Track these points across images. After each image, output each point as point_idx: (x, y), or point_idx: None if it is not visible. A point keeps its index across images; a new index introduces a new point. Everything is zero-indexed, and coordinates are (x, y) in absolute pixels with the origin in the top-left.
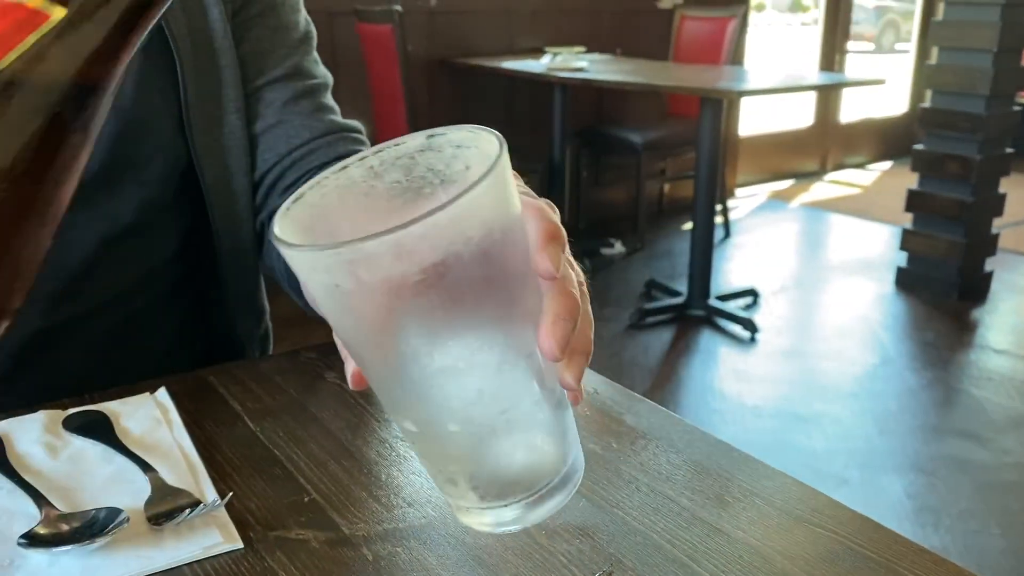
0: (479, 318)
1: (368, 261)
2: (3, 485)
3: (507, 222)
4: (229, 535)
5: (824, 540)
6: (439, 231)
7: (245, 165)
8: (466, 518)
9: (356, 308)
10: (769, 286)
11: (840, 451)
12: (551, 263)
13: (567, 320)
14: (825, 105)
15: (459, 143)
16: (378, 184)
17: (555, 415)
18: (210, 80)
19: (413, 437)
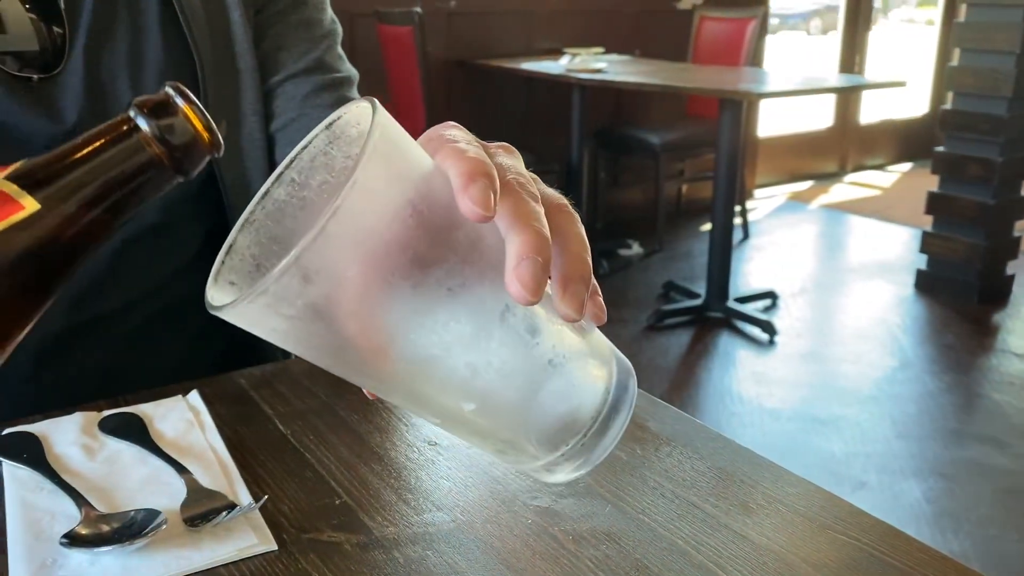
0: (431, 297)
1: (280, 300)
2: (44, 485)
3: (413, 193)
4: (264, 537)
5: (848, 548)
6: (335, 239)
7: (263, 167)
8: (549, 476)
9: (304, 340)
10: (788, 288)
11: (858, 455)
12: (476, 204)
13: (531, 259)
14: (845, 106)
15: (357, 121)
16: (308, 193)
17: (575, 348)
18: (230, 82)
19: (446, 428)
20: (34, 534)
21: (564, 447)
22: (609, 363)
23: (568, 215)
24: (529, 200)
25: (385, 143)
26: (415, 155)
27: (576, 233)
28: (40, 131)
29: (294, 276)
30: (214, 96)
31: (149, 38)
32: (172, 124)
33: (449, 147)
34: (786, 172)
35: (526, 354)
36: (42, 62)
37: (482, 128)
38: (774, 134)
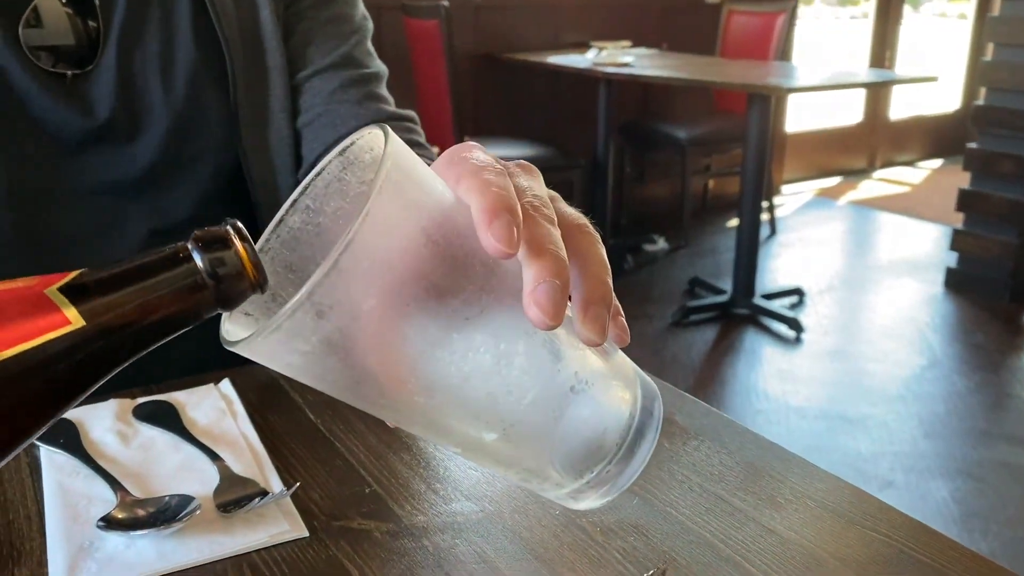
0: (449, 327)
1: (294, 335)
2: (80, 470)
3: (428, 223)
4: (295, 524)
5: (877, 544)
6: (348, 273)
7: (291, 163)
8: (574, 503)
9: (319, 376)
10: (815, 285)
11: (885, 454)
12: (500, 241)
13: (548, 283)
14: (875, 101)
15: (371, 147)
16: (323, 220)
17: (598, 373)
18: (259, 79)
19: (467, 457)
20: (72, 517)
21: (589, 474)
22: (633, 386)
23: (588, 235)
24: (545, 223)
25: (398, 173)
26: (429, 184)
27: (596, 254)
28: (73, 125)
29: (307, 312)
30: (243, 94)
31: (180, 35)
32: (224, 259)
33: (471, 177)
34: (814, 168)
35: (548, 381)
36: (76, 57)
37: (508, 123)
38: (802, 129)
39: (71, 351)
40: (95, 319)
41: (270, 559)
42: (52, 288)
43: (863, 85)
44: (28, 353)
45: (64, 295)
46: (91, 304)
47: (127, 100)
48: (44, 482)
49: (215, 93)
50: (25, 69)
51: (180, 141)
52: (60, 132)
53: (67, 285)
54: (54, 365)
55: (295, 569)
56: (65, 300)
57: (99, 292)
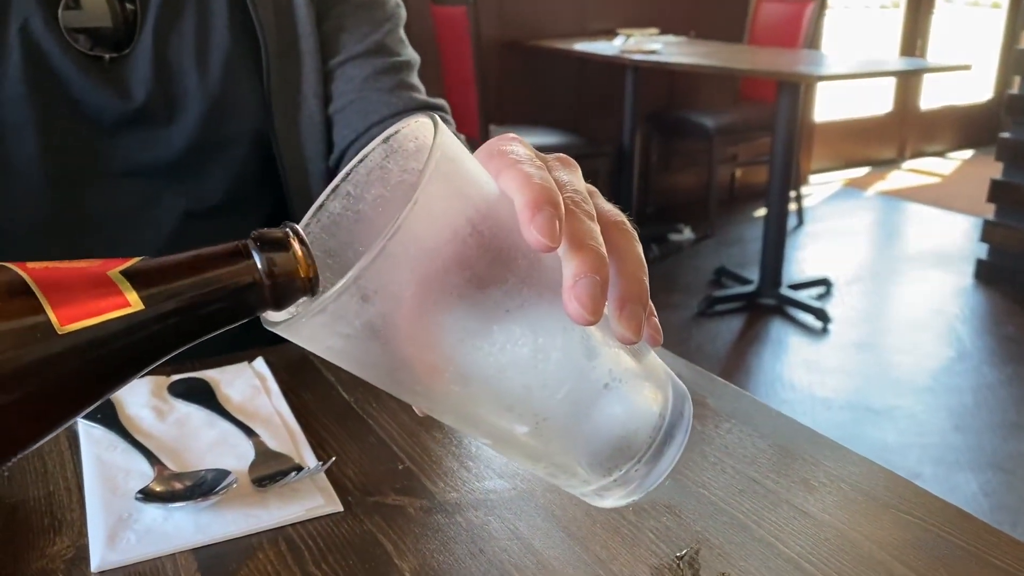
0: (489, 318)
1: (338, 318)
2: (117, 444)
3: (473, 213)
4: (330, 498)
5: (912, 527)
6: (395, 259)
7: (322, 150)
8: (600, 501)
9: (359, 361)
10: (843, 276)
11: (913, 446)
12: (543, 235)
13: (588, 277)
14: (905, 90)
15: (415, 135)
16: (363, 207)
17: (631, 371)
18: (292, 65)
19: (497, 449)
20: (110, 490)
21: (617, 472)
22: (665, 387)
23: (625, 233)
24: (585, 219)
25: (447, 162)
26: (475, 174)
27: (633, 252)
28: (110, 108)
29: (353, 296)
30: (276, 78)
31: (216, 20)
32: (281, 261)
33: (513, 169)
34: (843, 158)
35: (583, 377)
36: (113, 40)
37: (534, 110)
38: (831, 119)
39: (128, 333)
40: (153, 304)
41: (305, 533)
42: (115, 271)
43: (894, 73)
44: (89, 330)
45: (126, 278)
46: (151, 290)
47: (163, 84)
48: (83, 455)
49: (249, 78)
50: (64, 52)
51: (215, 125)
52: (98, 114)
53: (129, 269)
54: (111, 344)
55: (330, 543)
56: (127, 283)
57: (159, 279)
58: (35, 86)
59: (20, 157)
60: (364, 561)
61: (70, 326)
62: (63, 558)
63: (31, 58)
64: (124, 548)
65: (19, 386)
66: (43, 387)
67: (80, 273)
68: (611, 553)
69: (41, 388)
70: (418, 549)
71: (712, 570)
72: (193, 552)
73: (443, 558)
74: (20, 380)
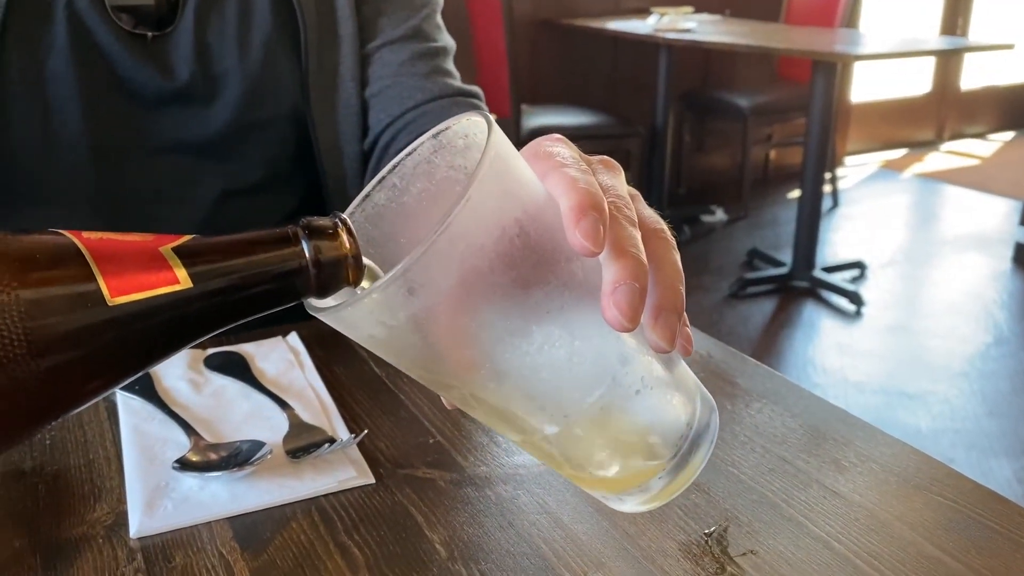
0: (529, 318)
1: (384, 308)
2: (155, 415)
3: (521, 214)
4: (362, 471)
5: (944, 509)
6: (443, 255)
7: (357, 132)
8: (618, 504)
9: (398, 351)
10: (877, 259)
11: (946, 431)
12: (587, 239)
13: (628, 284)
14: (944, 70)
15: (465, 133)
16: (407, 199)
17: (662, 379)
18: (330, 47)
19: (524, 447)
20: (148, 459)
21: (637, 480)
22: (694, 398)
23: (664, 241)
24: (627, 225)
25: (499, 162)
26: (525, 175)
27: (671, 261)
28: (152, 85)
29: (400, 288)
30: (314, 61)
31: (257, 1)
32: (328, 249)
33: (559, 172)
34: (879, 139)
35: (615, 382)
36: (156, 18)
37: (566, 89)
38: (868, 99)
39: (174, 309)
40: (202, 282)
41: (338, 504)
42: (167, 247)
43: (934, 53)
44: (137, 303)
45: (177, 255)
46: (200, 268)
47: (203, 63)
48: (121, 425)
49: (288, 59)
50: (108, 29)
51: (253, 106)
52: (140, 91)
53: (180, 247)
54: (157, 319)
55: (362, 514)
56: (177, 260)
57: (209, 258)
58: (80, 62)
59: (65, 131)
60: (395, 532)
61: (120, 298)
62: (103, 524)
63: (76, 34)
64: (161, 515)
65: (65, 351)
66: (87, 354)
67: (133, 247)
68: (639, 529)
69: (85, 355)
70: (448, 521)
71: (740, 547)
72: (228, 520)
73: (473, 530)
74: (66, 345)
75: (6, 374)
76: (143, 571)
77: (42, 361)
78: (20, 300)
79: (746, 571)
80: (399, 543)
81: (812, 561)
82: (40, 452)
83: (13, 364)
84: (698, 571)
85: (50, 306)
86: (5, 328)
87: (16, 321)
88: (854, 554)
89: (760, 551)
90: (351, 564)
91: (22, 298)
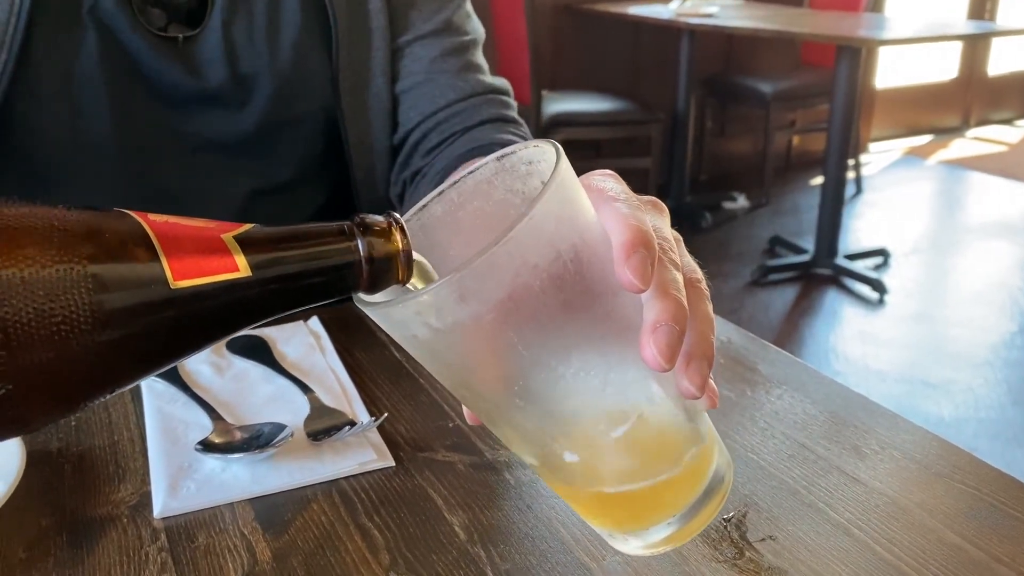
0: (569, 343)
1: (433, 310)
2: (178, 398)
3: (577, 240)
4: (382, 453)
5: (966, 496)
6: (499, 267)
7: (388, 127)
8: (618, 544)
9: (437, 355)
10: (901, 247)
11: (970, 420)
12: (635, 276)
13: (668, 326)
14: (971, 55)
15: (529, 159)
16: (461, 215)
17: (684, 425)
18: (361, 42)
19: (538, 471)
20: (171, 441)
21: (657, 520)
22: (712, 452)
23: (699, 291)
24: (671, 268)
25: (563, 188)
26: (585, 205)
27: (705, 311)
28: (182, 87)
29: (452, 293)
30: (345, 56)
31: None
32: (381, 247)
33: (611, 206)
34: (904, 125)
35: (641, 420)
36: (186, 12)
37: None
38: (893, 85)
39: (232, 294)
40: (260, 271)
41: (358, 486)
42: (229, 235)
43: (961, 37)
44: (198, 288)
45: (238, 244)
46: (259, 257)
47: (233, 65)
48: (145, 407)
49: (318, 55)
50: (135, 30)
51: (284, 105)
52: (170, 93)
53: (242, 235)
54: (214, 304)
55: (382, 496)
56: (238, 248)
57: (268, 248)
58: (108, 64)
59: (95, 133)
60: (415, 514)
61: (182, 282)
62: (127, 504)
63: (103, 37)
64: (184, 496)
65: (124, 327)
66: (144, 333)
67: (196, 232)
68: None
69: (142, 333)
70: (467, 504)
71: (759, 533)
72: (250, 502)
73: (491, 513)
74: (126, 322)
75: (68, 344)
76: (166, 550)
77: (103, 335)
78: (89, 275)
79: (765, 556)
80: (419, 525)
81: (831, 547)
82: (66, 433)
83: (76, 335)
84: (716, 556)
85: (116, 283)
86: (73, 301)
87: (84, 294)
88: (873, 540)
89: (779, 537)
90: (371, 545)
91: (91, 273)
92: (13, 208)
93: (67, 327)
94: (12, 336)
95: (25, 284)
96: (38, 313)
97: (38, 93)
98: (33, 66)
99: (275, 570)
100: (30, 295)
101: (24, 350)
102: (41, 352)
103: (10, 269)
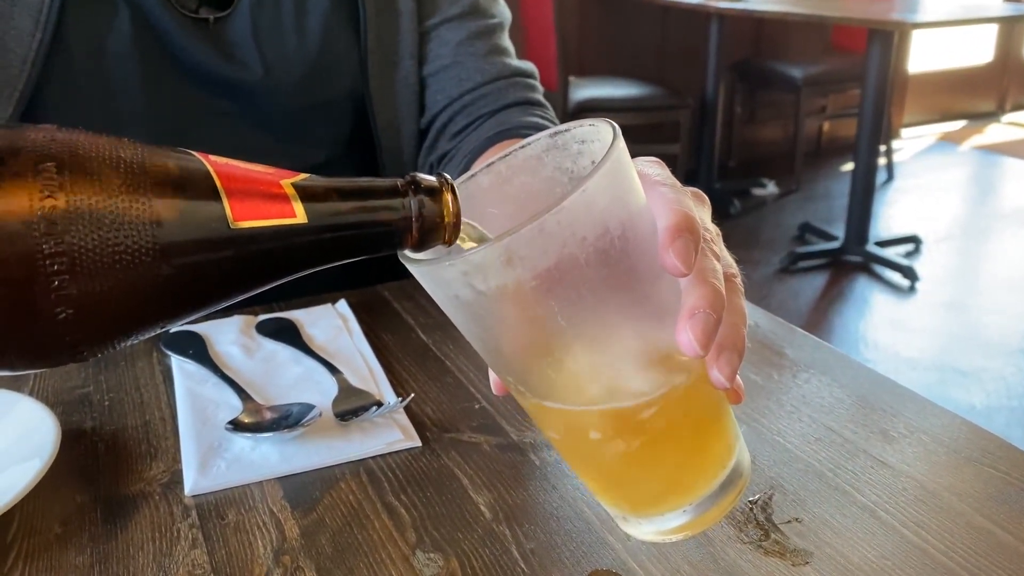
0: (607, 320)
1: (479, 271)
2: (208, 379)
3: (626, 218)
4: (408, 434)
5: (995, 480)
6: (548, 235)
7: (415, 109)
8: (630, 527)
9: (477, 318)
10: (933, 233)
11: (1001, 408)
12: (679, 259)
13: (706, 313)
14: (1007, 39)
15: (582, 138)
16: (507, 188)
17: (709, 414)
18: (390, 24)
19: (559, 448)
20: (202, 420)
21: (673, 506)
22: (733, 446)
23: (734, 286)
24: (711, 257)
25: (618, 165)
26: (636, 186)
27: (738, 305)
28: (212, 70)
29: (499, 255)
30: (373, 38)
31: None
32: (431, 205)
33: (658, 190)
34: (937, 111)
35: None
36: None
37: (614, 60)
38: (926, 69)
39: (287, 239)
40: (316, 219)
41: (385, 465)
42: (287, 181)
43: (997, 20)
44: (257, 230)
45: (296, 191)
46: (316, 205)
47: (262, 49)
48: (176, 388)
49: (346, 37)
50: (167, 11)
51: (313, 87)
52: (200, 74)
53: (300, 183)
54: (270, 247)
55: (408, 476)
56: (296, 195)
57: (325, 197)
58: (141, 44)
59: (127, 114)
60: (441, 494)
61: (242, 223)
62: (159, 482)
63: (135, 16)
64: (215, 474)
65: (185, 262)
66: (203, 269)
67: (257, 177)
68: None
69: (199, 269)
70: (493, 484)
71: (785, 515)
72: (279, 480)
73: (517, 493)
74: (187, 258)
75: (129, 274)
76: (197, 527)
77: (162, 268)
78: (153, 210)
79: (790, 538)
80: (445, 504)
81: (857, 529)
82: (100, 413)
83: (137, 266)
84: (742, 538)
85: (179, 219)
86: (136, 232)
87: (147, 229)
88: (900, 523)
89: (805, 519)
90: (398, 524)
91: (155, 206)
92: (84, 136)
93: (129, 257)
94: (77, 262)
95: (92, 212)
96: (102, 241)
97: (72, 71)
98: (66, 44)
99: (303, 547)
100: (96, 223)
101: (87, 277)
102: (102, 280)
103: (78, 195)
